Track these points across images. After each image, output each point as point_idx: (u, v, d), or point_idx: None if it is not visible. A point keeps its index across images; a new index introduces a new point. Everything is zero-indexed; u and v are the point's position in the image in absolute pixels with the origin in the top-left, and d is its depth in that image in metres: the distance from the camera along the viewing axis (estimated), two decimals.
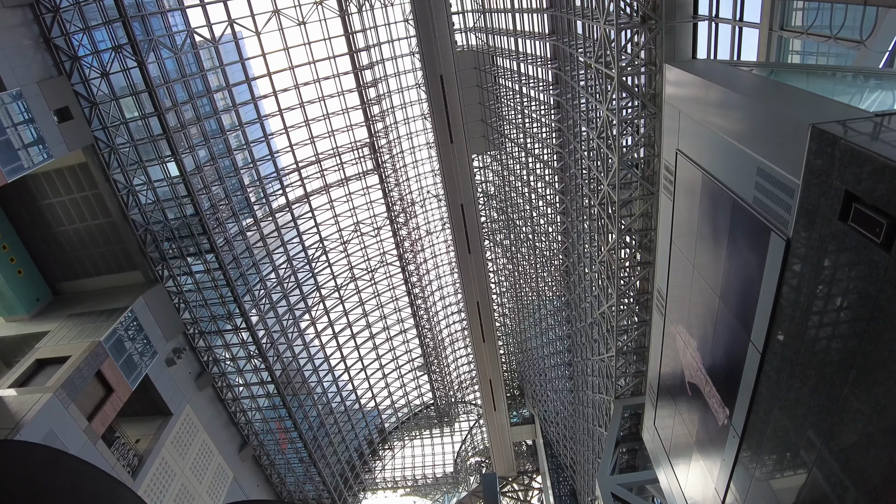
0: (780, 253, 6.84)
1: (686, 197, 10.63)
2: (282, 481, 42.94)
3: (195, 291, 34.04)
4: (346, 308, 42.30)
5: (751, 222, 7.70)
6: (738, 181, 8.14)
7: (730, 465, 9.56)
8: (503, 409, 41.46)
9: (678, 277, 11.71)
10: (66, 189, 29.89)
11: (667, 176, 11.54)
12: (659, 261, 13.62)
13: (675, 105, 11.02)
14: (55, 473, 13.37)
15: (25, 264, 31.87)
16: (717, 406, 9.83)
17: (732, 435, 9.24)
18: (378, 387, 48.03)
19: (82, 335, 28.48)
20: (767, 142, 7.22)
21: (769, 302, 7.34)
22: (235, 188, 33.87)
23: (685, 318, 11.55)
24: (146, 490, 29.15)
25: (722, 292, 9.18)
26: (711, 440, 10.53)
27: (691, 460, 12.23)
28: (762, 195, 7.33)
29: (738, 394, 8.77)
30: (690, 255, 10.69)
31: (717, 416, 9.92)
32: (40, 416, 23.37)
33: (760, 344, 7.80)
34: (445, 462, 54.76)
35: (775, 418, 7.72)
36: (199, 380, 35.75)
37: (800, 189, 6.25)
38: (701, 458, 11.41)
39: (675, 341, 12.25)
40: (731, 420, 9.22)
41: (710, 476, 10.72)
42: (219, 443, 36.83)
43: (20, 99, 23.59)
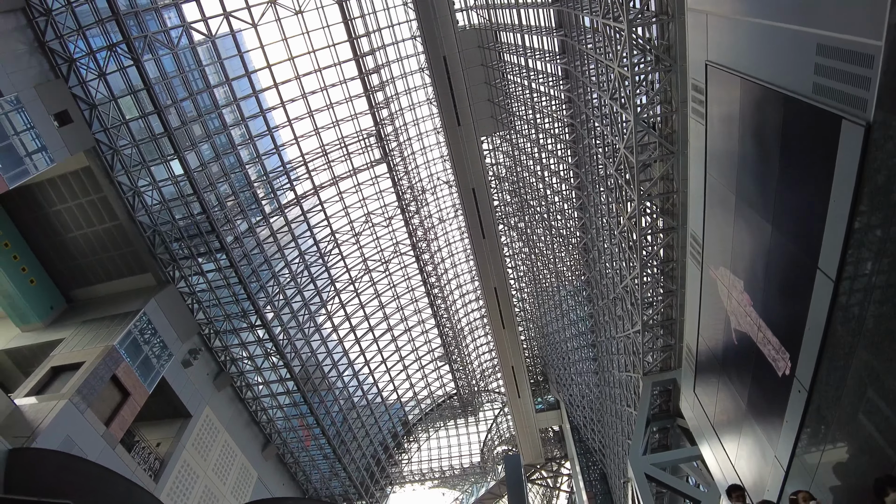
0: (858, 144, 5.54)
1: (721, 117, 9.35)
2: (307, 479, 42.61)
3: (208, 291, 33.64)
4: (361, 301, 41.69)
5: (811, 119, 6.38)
6: (790, 73, 6.79)
7: (795, 427, 8.10)
8: (527, 395, 40.64)
9: (716, 213, 10.36)
10: (71, 195, 29.52)
11: (695, 97, 10.32)
12: (692, 201, 12.29)
13: (700, 9, 9.62)
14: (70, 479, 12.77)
15: (37, 273, 31.64)
16: (775, 354, 8.34)
17: (797, 389, 7.80)
18: (399, 379, 47.46)
19: (96, 341, 28.16)
20: (831, 6, 5.89)
21: (843, 215, 6.01)
22: (242, 184, 33.35)
23: (728, 258, 10.09)
24: (169, 493, 28.83)
25: (774, 218, 7.77)
26: (768, 400, 9.10)
27: (743, 428, 10.69)
28: (826, 78, 6.05)
29: (804, 336, 7.25)
30: (730, 182, 9.29)
31: (775, 367, 8.39)
32: (56, 422, 23.05)
33: (833, 270, 6.41)
34: (472, 452, 54.15)
35: (859, 361, 6.35)
36: (218, 380, 35.42)
37: (883, 53, 4.98)
38: (756, 423, 9.89)
39: (716, 288, 10.87)
40: (796, 371, 7.74)
41: (769, 444, 9.27)
42: (241, 443, 36.52)
43: (19, 104, 23.19)
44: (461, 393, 51.10)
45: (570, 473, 46.57)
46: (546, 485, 50.30)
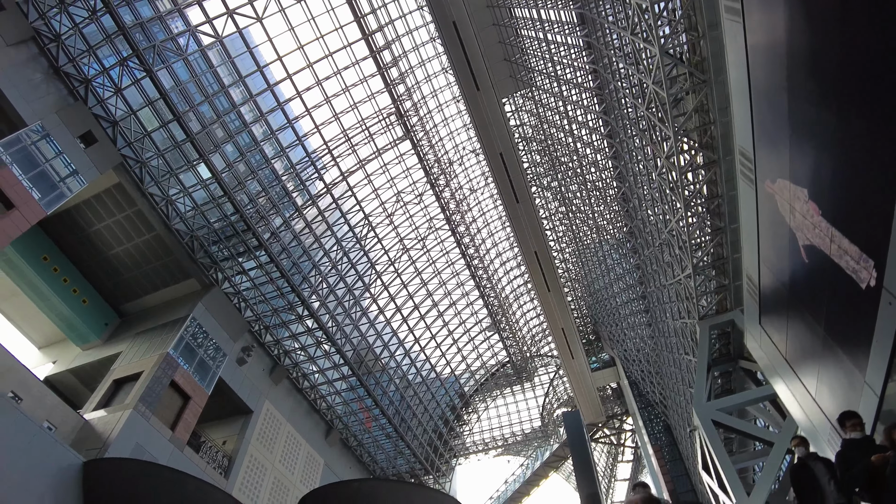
0: None
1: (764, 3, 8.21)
2: (373, 460, 43.38)
3: (252, 289, 34.12)
4: (403, 280, 41.67)
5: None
6: None
7: (887, 346, 6.91)
8: (581, 356, 40.09)
9: (766, 116, 9.25)
10: (107, 212, 30.16)
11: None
12: (736, 111, 11.20)
13: None
14: (144, 484, 13.10)
15: (88, 293, 32.65)
16: (854, 264, 7.12)
17: (888, 301, 6.59)
18: (450, 353, 47.53)
19: (151, 350, 28.95)
20: None
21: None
22: (270, 179, 33.44)
23: (785, 165, 8.89)
24: (240, 488, 29.68)
25: (841, 107, 6.62)
26: (852, 319, 7.92)
27: (822, 356, 9.48)
28: None
29: (892, 237, 6.10)
30: (780, 75, 8.02)
31: (857, 279, 7.19)
32: (124, 432, 23.85)
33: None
34: (532, 417, 54.13)
35: None
36: (274, 374, 36.11)
37: None
38: (838, 348, 8.66)
39: (775, 205, 9.75)
40: (883, 280, 6.53)
41: (857, 370, 8.08)
42: (304, 432, 37.31)
43: (44, 132, 23.66)
44: (513, 360, 50.88)
45: (633, 429, 46.04)
46: (610, 442, 49.97)
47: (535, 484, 54.90)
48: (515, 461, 57.98)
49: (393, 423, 41.69)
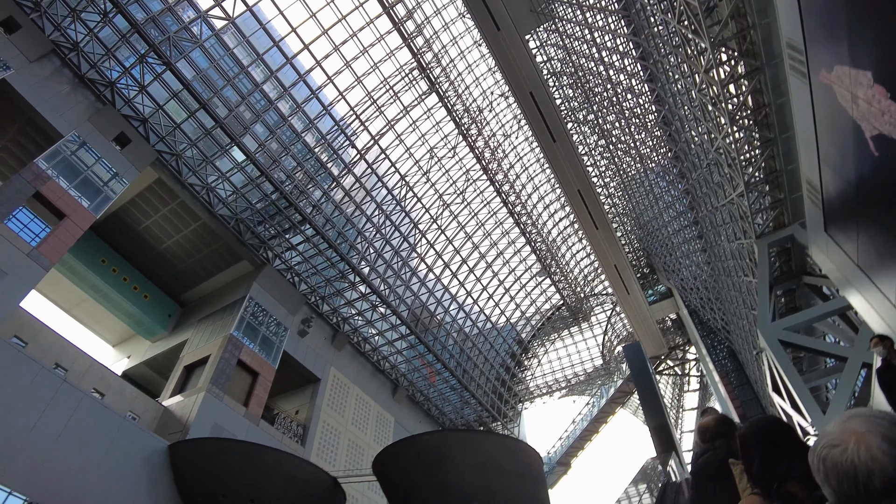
0: None
1: None
2: (441, 412, 44.48)
3: (303, 262, 34.80)
4: (447, 236, 41.56)
5: None
6: None
7: None
8: (636, 290, 39.26)
9: None
10: (153, 208, 31.12)
11: None
12: None
13: None
14: (225, 459, 14.00)
15: (148, 289, 34.19)
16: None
17: None
18: (504, 302, 47.59)
19: (215, 334, 30.14)
20: None
21: None
22: (303, 153, 33.51)
23: (843, 48, 7.93)
24: (317, 453, 30.98)
25: None
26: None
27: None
28: None
29: None
30: None
31: None
32: (201, 413, 25.13)
33: None
34: (593, 356, 53.98)
35: None
36: (335, 341, 37.10)
37: None
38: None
39: (833, 96, 8.73)
40: None
41: None
42: (371, 393, 38.45)
43: (81, 140, 24.33)
44: (567, 302, 50.49)
45: (696, 357, 45.33)
46: (674, 373, 49.44)
47: (603, 421, 55.25)
48: (581, 400, 58.37)
49: (455, 376, 42.44)
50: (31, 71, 23.30)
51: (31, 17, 23.30)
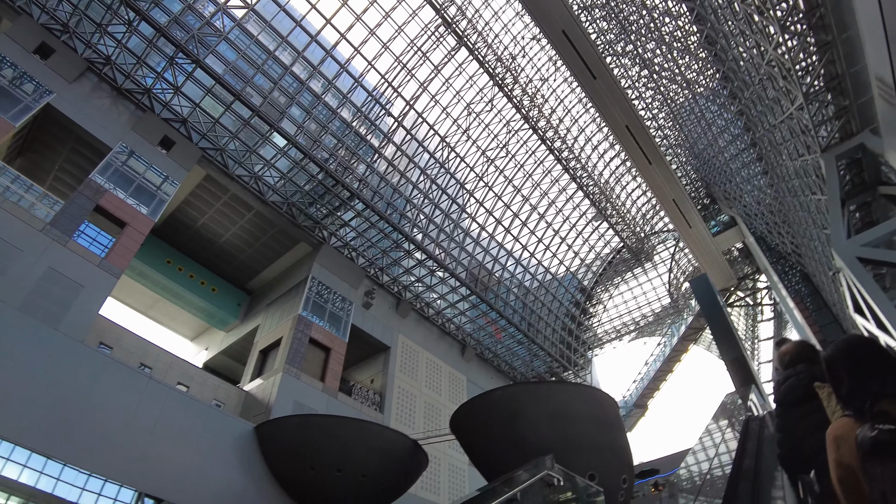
0: None
1: None
2: (511, 367, 44.88)
3: (358, 237, 35.33)
4: (496, 192, 41.07)
5: None
6: None
7: None
8: (698, 223, 37.76)
9: None
10: (206, 205, 32.19)
11: None
12: None
13: None
14: (309, 434, 14.79)
15: (215, 282, 35.74)
16: None
17: None
18: (561, 251, 46.89)
19: (284, 316, 31.25)
20: None
21: None
22: (342, 129, 33.61)
23: None
24: (396, 418, 31.98)
25: None
26: None
27: None
28: None
29: None
30: None
31: None
32: (280, 393, 26.29)
33: None
34: (660, 296, 52.71)
35: None
36: (399, 309, 37.77)
37: None
38: None
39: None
40: None
41: None
42: (440, 355, 39.17)
43: (129, 149, 25.30)
44: (628, 244, 49.16)
45: (768, 285, 43.41)
46: (746, 304, 47.65)
47: (676, 360, 54.29)
48: (652, 342, 57.41)
49: (521, 330, 42.56)
50: (72, 91, 24.31)
51: (63, 40, 24.22)
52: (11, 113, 21.65)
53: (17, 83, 22.33)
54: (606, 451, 19.61)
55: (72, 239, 21.48)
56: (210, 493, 21.09)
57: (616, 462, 19.34)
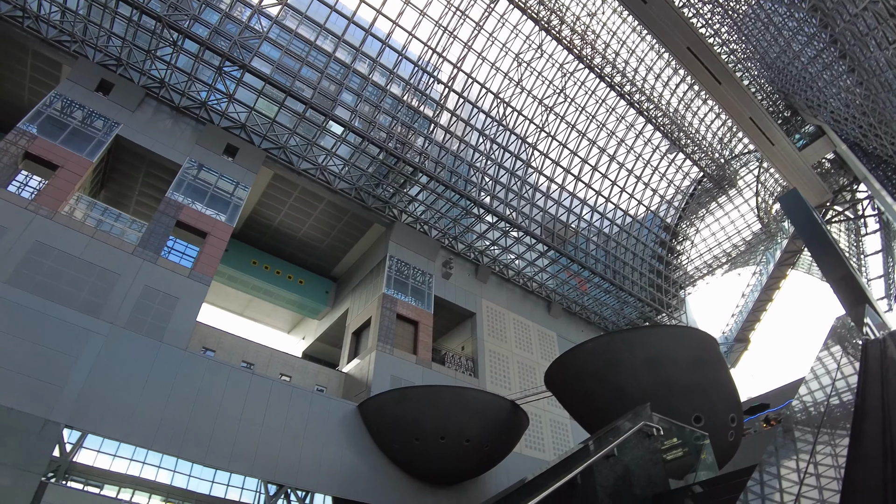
0: None
1: None
2: (600, 317, 44.08)
3: (427, 210, 35.50)
4: (560, 141, 39.76)
5: None
6: None
7: None
8: (781, 138, 34.95)
9: None
10: (279, 203, 33.40)
11: None
12: None
13: None
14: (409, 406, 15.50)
15: (300, 274, 37.35)
16: None
17: None
18: (638, 191, 44.96)
19: (369, 297, 32.19)
20: None
21: None
22: (394, 105, 33.56)
23: None
24: (491, 381, 32.35)
25: None
26: None
27: None
28: None
29: None
30: None
31: None
32: (377, 370, 27.21)
33: None
34: (749, 223, 49.60)
35: None
36: (479, 274, 37.85)
37: None
38: None
39: None
40: None
41: None
42: (527, 314, 39.07)
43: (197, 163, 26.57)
44: (708, 173, 46.32)
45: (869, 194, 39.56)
46: (846, 218, 43.72)
47: (775, 287, 51.05)
48: (746, 272, 54.26)
49: (606, 278, 41.52)
50: (136, 119, 25.89)
51: (119, 73, 25.71)
52: (87, 150, 23.42)
53: (87, 122, 24.00)
54: (710, 391, 18.93)
55: (161, 256, 22.97)
56: (324, 473, 22.38)
57: (721, 401, 18.65)
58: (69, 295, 19.67)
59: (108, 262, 21.30)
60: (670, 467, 10.29)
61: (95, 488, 19.76)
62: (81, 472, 19.69)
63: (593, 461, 6.41)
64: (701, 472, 10.76)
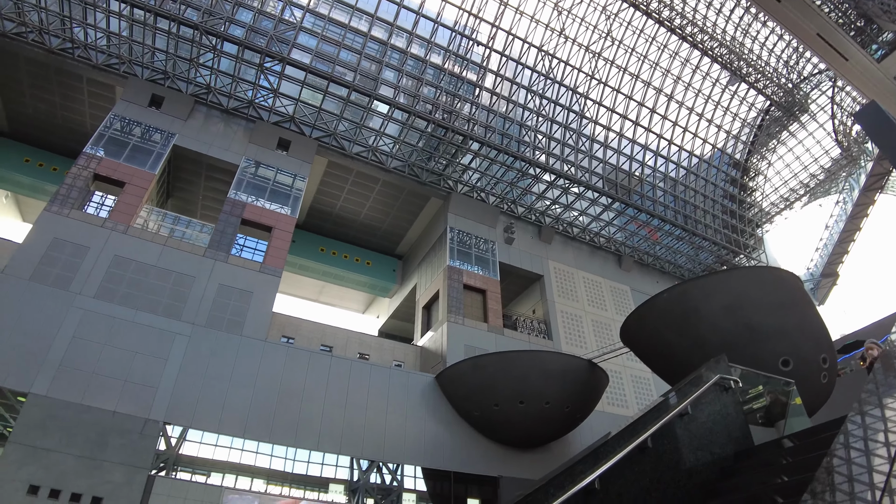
0: None
1: None
2: (675, 266, 42.54)
3: (482, 177, 35.16)
4: (612, 86, 38.04)
5: None
6: None
7: None
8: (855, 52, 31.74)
9: None
10: (337, 189, 34.05)
11: None
12: None
13: None
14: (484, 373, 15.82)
15: (367, 256, 38.21)
16: None
17: None
18: (701, 130, 42.55)
19: (435, 270, 32.55)
20: None
21: None
22: (436, 75, 33.12)
23: None
24: (566, 341, 32.06)
25: None
26: None
27: None
28: None
29: None
30: None
31: None
32: (450, 341, 27.61)
33: None
34: (827, 148, 45.78)
35: None
36: (542, 236, 37.33)
37: None
38: None
39: None
40: None
41: None
42: (596, 271, 38.25)
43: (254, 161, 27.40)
44: (775, 100, 42.97)
45: None
46: None
47: (862, 215, 46.88)
48: (828, 202, 50.21)
49: (677, 225, 39.85)
50: (189, 127, 26.99)
51: (167, 85, 26.80)
52: (149, 163, 24.76)
53: (146, 137, 25.30)
54: (797, 333, 17.94)
55: (231, 254, 24.00)
56: (410, 445, 23.11)
57: (810, 342, 17.64)
58: (151, 302, 21.00)
59: (183, 266, 22.52)
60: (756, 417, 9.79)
61: (202, 476, 21.16)
62: (188, 462, 21.11)
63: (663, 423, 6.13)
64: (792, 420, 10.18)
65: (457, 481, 24.19)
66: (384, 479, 23.64)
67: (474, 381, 24.34)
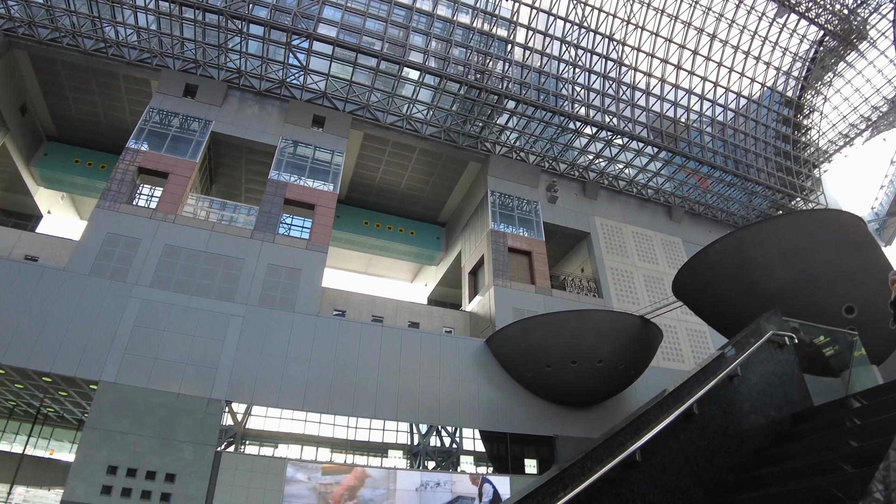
0: None
1: None
2: (728, 213, 40.92)
3: (520, 136, 34.46)
4: (651, 30, 36.20)
5: None
6: None
7: None
8: None
9: None
10: (375, 161, 34.09)
11: None
12: None
13: None
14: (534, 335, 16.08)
15: (411, 226, 38.47)
16: None
17: None
18: (749, 68, 40.06)
19: (478, 235, 32.46)
20: None
21: None
22: (465, 35, 32.30)
23: None
24: (616, 299, 31.56)
25: None
26: None
27: None
28: None
29: None
30: None
31: None
32: (498, 305, 27.74)
33: None
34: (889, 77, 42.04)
35: None
36: (587, 192, 36.52)
37: None
38: None
39: None
40: None
41: None
42: (645, 223, 37.28)
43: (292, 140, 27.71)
44: (829, 29, 39.82)
45: None
46: None
47: None
48: (893, 135, 46.73)
49: (728, 170, 38.10)
50: (225, 112, 27.46)
51: (199, 74, 27.22)
52: (189, 152, 25.47)
53: (184, 126, 25.90)
54: (861, 277, 17.05)
55: (278, 234, 24.51)
56: (465, 409, 23.54)
57: (876, 286, 16.70)
58: (204, 286, 21.81)
59: (232, 249, 23.21)
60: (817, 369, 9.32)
61: (270, 448, 22.16)
62: (255, 436, 22.12)
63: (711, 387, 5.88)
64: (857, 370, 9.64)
65: (513, 442, 24.52)
66: (443, 443, 24.19)
67: (524, 343, 24.36)
